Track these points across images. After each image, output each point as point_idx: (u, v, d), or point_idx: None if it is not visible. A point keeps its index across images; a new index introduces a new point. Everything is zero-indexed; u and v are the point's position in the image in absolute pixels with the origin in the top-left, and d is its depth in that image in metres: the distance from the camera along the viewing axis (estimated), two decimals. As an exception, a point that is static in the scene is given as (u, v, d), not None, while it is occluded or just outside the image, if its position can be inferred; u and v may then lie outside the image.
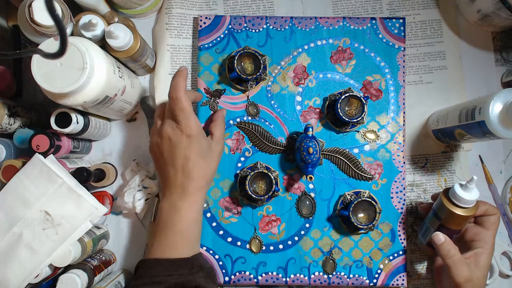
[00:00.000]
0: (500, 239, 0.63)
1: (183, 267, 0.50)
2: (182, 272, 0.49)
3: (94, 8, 0.56)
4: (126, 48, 0.54)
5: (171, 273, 0.49)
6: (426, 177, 0.64)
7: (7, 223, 0.53)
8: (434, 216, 0.54)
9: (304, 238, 0.61)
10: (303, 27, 0.63)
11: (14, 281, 0.52)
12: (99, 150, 0.65)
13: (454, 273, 0.51)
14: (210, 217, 0.61)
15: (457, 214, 0.51)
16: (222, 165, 0.61)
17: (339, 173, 0.61)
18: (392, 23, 0.63)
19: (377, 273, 0.60)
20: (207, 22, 0.63)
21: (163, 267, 0.49)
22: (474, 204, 0.52)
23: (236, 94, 0.63)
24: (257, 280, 0.60)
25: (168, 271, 0.49)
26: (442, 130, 0.60)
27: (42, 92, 0.49)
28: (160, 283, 0.48)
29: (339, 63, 0.63)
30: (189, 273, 0.49)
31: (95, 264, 0.57)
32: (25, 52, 0.50)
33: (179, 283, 0.48)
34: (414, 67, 0.65)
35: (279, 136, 0.62)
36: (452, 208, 0.52)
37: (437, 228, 0.54)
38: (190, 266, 0.50)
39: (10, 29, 0.62)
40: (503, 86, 0.65)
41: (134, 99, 0.62)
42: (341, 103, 0.59)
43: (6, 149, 0.56)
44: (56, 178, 0.53)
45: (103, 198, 0.62)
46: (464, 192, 0.51)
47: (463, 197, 0.51)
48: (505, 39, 0.65)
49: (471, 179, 0.50)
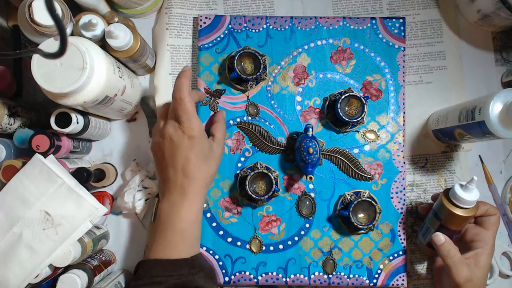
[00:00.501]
0: (500, 239, 0.63)
1: (183, 268, 0.50)
2: (182, 272, 0.49)
3: (94, 8, 0.56)
4: (126, 48, 0.54)
5: (171, 274, 0.49)
6: (426, 177, 0.64)
7: (7, 223, 0.53)
8: (434, 217, 0.54)
9: (304, 238, 0.61)
10: (303, 27, 0.63)
11: (14, 281, 0.52)
12: (99, 150, 0.65)
13: (454, 273, 0.51)
14: (210, 217, 0.61)
15: (457, 215, 0.51)
16: (222, 165, 0.61)
17: (339, 173, 0.61)
18: (392, 23, 0.63)
19: (377, 273, 0.60)
20: (207, 22, 0.63)
21: (163, 268, 0.49)
22: (474, 205, 0.52)
23: (236, 94, 0.63)
24: (257, 280, 0.60)
25: (168, 271, 0.49)
26: (442, 130, 0.60)
27: (42, 92, 0.49)
28: (160, 283, 0.48)
29: (339, 63, 0.63)
30: (189, 274, 0.49)
31: (95, 264, 0.57)
32: (25, 52, 0.50)
33: (179, 283, 0.48)
34: (414, 67, 0.65)
35: (279, 136, 0.62)
36: (452, 209, 0.52)
37: (437, 229, 0.54)
38: (190, 266, 0.50)
39: (10, 29, 0.62)
40: (503, 86, 0.65)
41: (134, 99, 0.62)
42: (341, 103, 0.59)
43: (6, 149, 0.56)
44: (56, 178, 0.53)
45: (103, 198, 0.62)
46: (464, 192, 0.51)
47: (463, 198, 0.50)
48: (505, 39, 0.65)
49: (471, 180, 0.50)
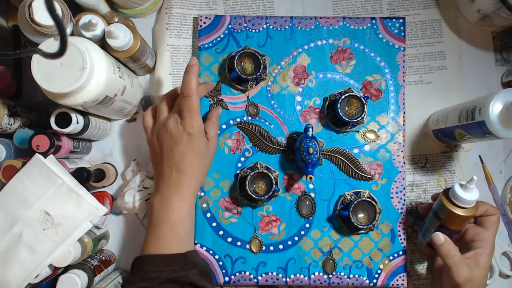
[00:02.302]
0: (500, 239, 0.63)
1: (175, 263, 0.50)
2: (174, 268, 0.49)
3: (94, 8, 0.56)
4: (126, 48, 0.54)
5: (163, 269, 0.49)
6: (426, 177, 0.64)
7: (7, 223, 0.53)
8: (434, 217, 0.54)
9: (304, 238, 0.61)
10: (303, 27, 0.63)
11: (14, 281, 0.52)
12: (99, 150, 0.65)
13: (454, 273, 0.51)
14: (210, 217, 0.61)
15: (457, 214, 0.51)
16: (222, 165, 0.61)
17: (339, 173, 0.61)
18: (392, 23, 0.63)
19: (377, 273, 0.60)
20: (207, 22, 0.63)
21: (154, 263, 0.49)
22: (474, 204, 0.52)
23: (236, 94, 0.63)
24: (257, 280, 0.60)
25: (160, 267, 0.49)
26: (442, 130, 0.60)
27: (42, 92, 0.49)
28: (153, 279, 0.48)
29: (339, 63, 0.63)
30: (182, 269, 0.49)
31: (95, 264, 0.57)
32: (25, 52, 0.50)
33: (172, 278, 0.48)
34: (414, 67, 0.65)
35: (279, 136, 0.62)
36: (452, 208, 0.52)
37: (437, 228, 0.54)
38: (183, 262, 0.50)
39: (10, 29, 0.62)
40: (503, 86, 0.65)
41: (134, 99, 0.62)
42: (341, 103, 0.59)
43: (6, 149, 0.56)
44: (56, 178, 0.53)
45: (103, 198, 0.62)
46: (464, 192, 0.51)
47: (463, 197, 0.50)
48: (505, 39, 0.65)
49: (471, 179, 0.50)
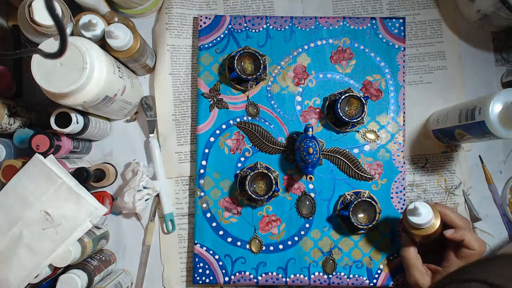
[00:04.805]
0: (500, 239, 0.63)
1: None
2: None
3: (94, 8, 0.56)
4: (126, 48, 0.54)
5: None
6: (426, 177, 0.64)
7: (7, 223, 0.53)
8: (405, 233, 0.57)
9: (304, 238, 0.61)
10: (303, 27, 0.63)
11: (14, 281, 0.52)
12: (99, 150, 0.65)
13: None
14: (210, 217, 0.61)
15: (416, 234, 0.54)
16: (222, 165, 0.61)
17: (339, 173, 0.61)
18: (392, 23, 0.63)
19: (377, 273, 0.60)
20: (207, 22, 0.63)
21: None
22: (429, 225, 0.53)
23: (236, 94, 0.63)
24: (257, 280, 0.60)
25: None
26: (442, 130, 0.60)
27: (42, 92, 0.49)
28: None
29: (339, 63, 0.63)
30: None
31: (95, 264, 0.57)
32: (25, 52, 0.50)
33: None
34: (414, 67, 0.65)
35: (279, 136, 0.62)
36: (409, 228, 0.54)
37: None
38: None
39: (10, 29, 0.62)
40: (503, 86, 0.65)
41: (134, 99, 0.62)
42: (341, 103, 0.59)
43: (6, 149, 0.56)
44: (56, 178, 0.53)
45: (103, 198, 0.62)
46: (413, 216, 0.53)
47: (413, 221, 0.53)
48: (505, 39, 0.65)
49: (414, 207, 0.52)
